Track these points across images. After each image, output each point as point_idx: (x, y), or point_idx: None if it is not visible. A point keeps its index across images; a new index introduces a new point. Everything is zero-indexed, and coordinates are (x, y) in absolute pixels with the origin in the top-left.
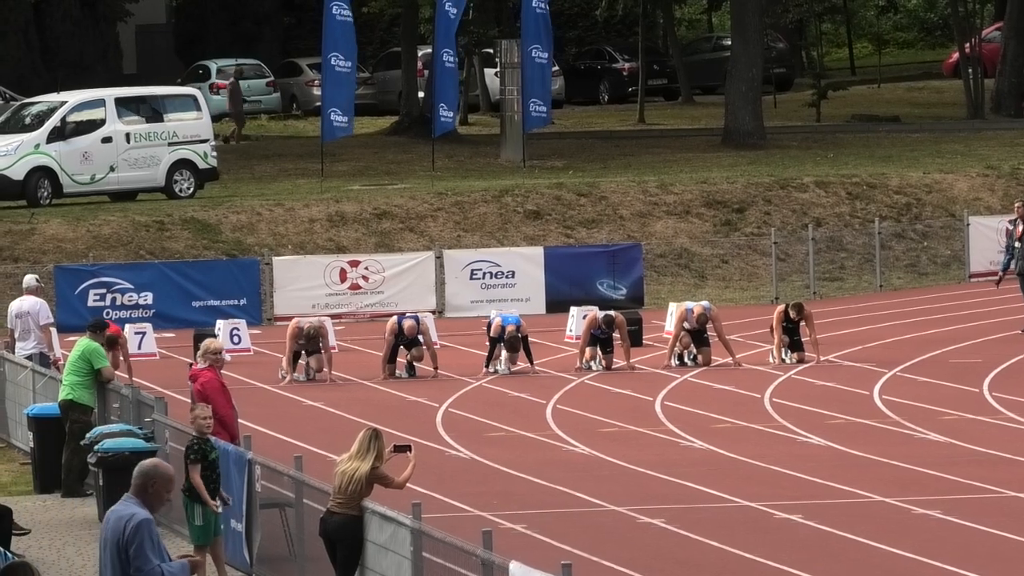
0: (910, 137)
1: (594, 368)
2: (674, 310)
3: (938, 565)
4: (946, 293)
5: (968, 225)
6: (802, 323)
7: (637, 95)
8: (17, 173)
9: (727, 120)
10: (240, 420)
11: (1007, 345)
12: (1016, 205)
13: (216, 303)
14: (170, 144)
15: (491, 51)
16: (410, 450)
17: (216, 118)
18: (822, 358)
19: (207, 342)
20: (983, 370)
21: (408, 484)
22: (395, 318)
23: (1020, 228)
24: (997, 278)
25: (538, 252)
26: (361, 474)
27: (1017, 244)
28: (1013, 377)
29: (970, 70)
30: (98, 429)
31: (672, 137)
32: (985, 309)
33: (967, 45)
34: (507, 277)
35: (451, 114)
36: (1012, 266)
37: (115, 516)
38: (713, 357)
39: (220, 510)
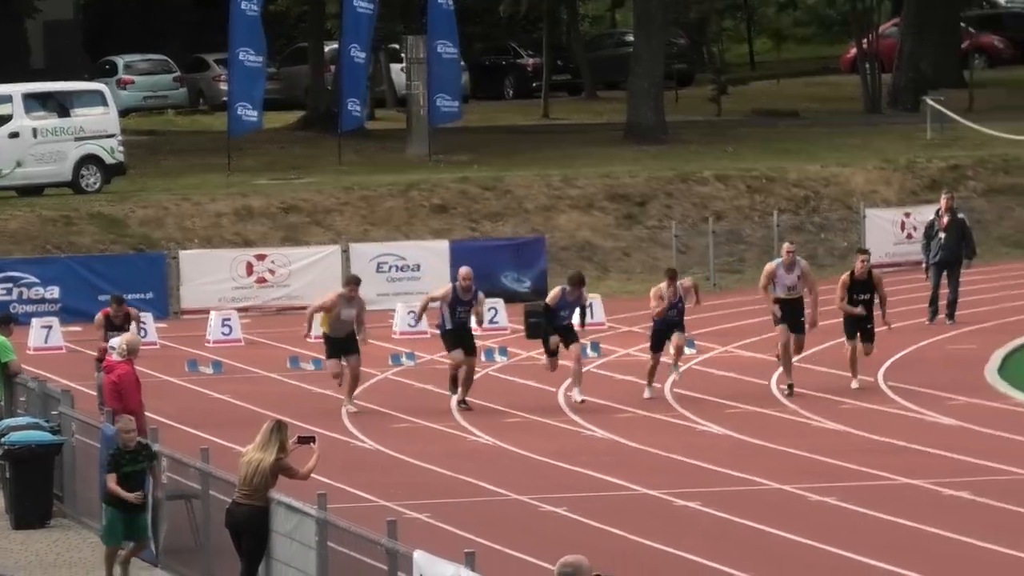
0: (808, 131)
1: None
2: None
3: (834, 551)
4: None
5: (865, 217)
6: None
7: (541, 90)
8: None
9: (630, 115)
10: (147, 413)
11: (902, 335)
12: (943, 198)
13: (124, 297)
14: (77, 139)
15: (397, 47)
16: (314, 441)
17: (123, 113)
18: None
19: (129, 338)
20: (879, 359)
21: (313, 475)
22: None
23: (945, 220)
24: (924, 266)
25: (444, 246)
26: (265, 465)
27: (942, 234)
28: (907, 367)
29: (867, 65)
30: (5, 422)
31: (576, 132)
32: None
33: (864, 41)
34: (413, 270)
35: (360, 109)
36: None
37: None
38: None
39: (138, 499)
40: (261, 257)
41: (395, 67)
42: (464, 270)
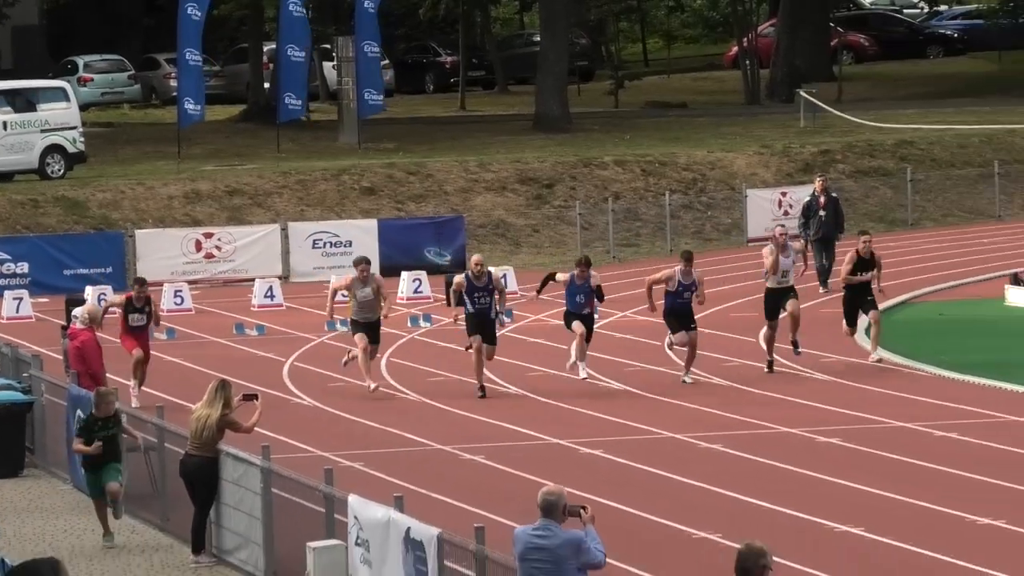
0: (695, 121)
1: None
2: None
3: (722, 492)
4: (728, 256)
5: (746, 197)
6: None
7: (459, 85)
8: None
9: (537, 107)
10: (108, 375)
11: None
12: (817, 180)
13: (85, 271)
14: (42, 131)
15: (328, 47)
16: (257, 399)
17: (83, 107)
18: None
19: (90, 307)
20: (759, 322)
21: (256, 428)
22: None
23: (822, 200)
24: (805, 243)
25: (372, 224)
26: (212, 420)
27: (822, 213)
28: (783, 329)
29: (747, 62)
30: None
31: (489, 122)
32: (762, 270)
33: (744, 40)
34: (345, 246)
35: (299, 102)
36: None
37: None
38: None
39: (97, 449)
40: (208, 235)
41: (327, 65)
42: (475, 257)
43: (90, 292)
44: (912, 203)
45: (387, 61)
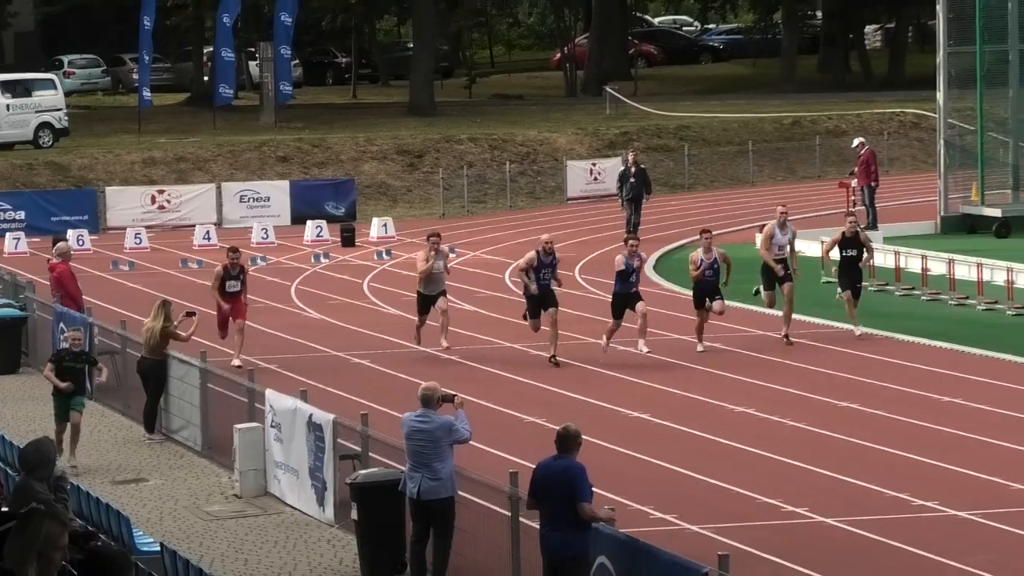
0: (529, 109)
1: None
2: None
3: (505, 410)
4: (553, 211)
5: (566, 166)
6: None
7: (351, 80)
8: None
9: (411, 97)
10: (84, 296)
11: (590, 245)
12: (630, 153)
13: (67, 218)
14: (36, 112)
15: (253, 49)
16: (195, 315)
17: (68, 94)
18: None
19: (61, 244)
20: (575, 261)
21: (194, 338)
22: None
23: (633, 169)
24: (620, 202)
25: (285, 184)
26: (156, 331)
27: (632, 179)
28: (596, 266)
29: (567, 64)
30: None
31: (375, 108)
32: (577, 221)
33: (565, 48)
34: (265, 201)
35: (230, 91)
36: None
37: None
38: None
39: (68, 388)
40: (161, 192)
41: (251, 63)
42: (545, 236)
43: (71, 234)
44: (688, 172)
45: (297, 61)
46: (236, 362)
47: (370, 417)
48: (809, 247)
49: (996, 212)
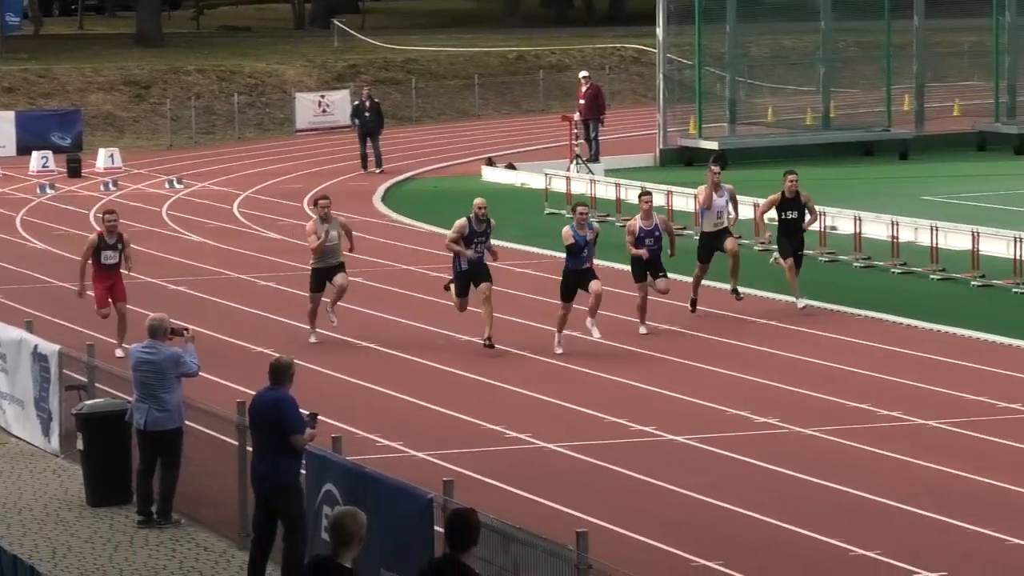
0: (258, 41)
1: None
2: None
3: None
4: (282, 143)
5: (295, 98)
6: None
7: (78, 10)
8: None
9: (138, 28)
10: None
11: (319, 176)
12: (365, 88)
13: None
14: None
15: None
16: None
17: None
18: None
19: None
20: (304, 192)
21: None
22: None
23: (368, 104)
24: (357, 135)
25: (11, 115)
26: None
27: (367, 114)
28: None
29: None
30: None
31: (102, 39)
32: (306, 153)
33: None
34: None
35: None
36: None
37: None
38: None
39: None
40: None
41: None
42: (478, 200)
43: None
44: (416, 105)
45: None
46: (119, 352)
47: (96, 348)
48: (533, 179)
49: (713, 144)
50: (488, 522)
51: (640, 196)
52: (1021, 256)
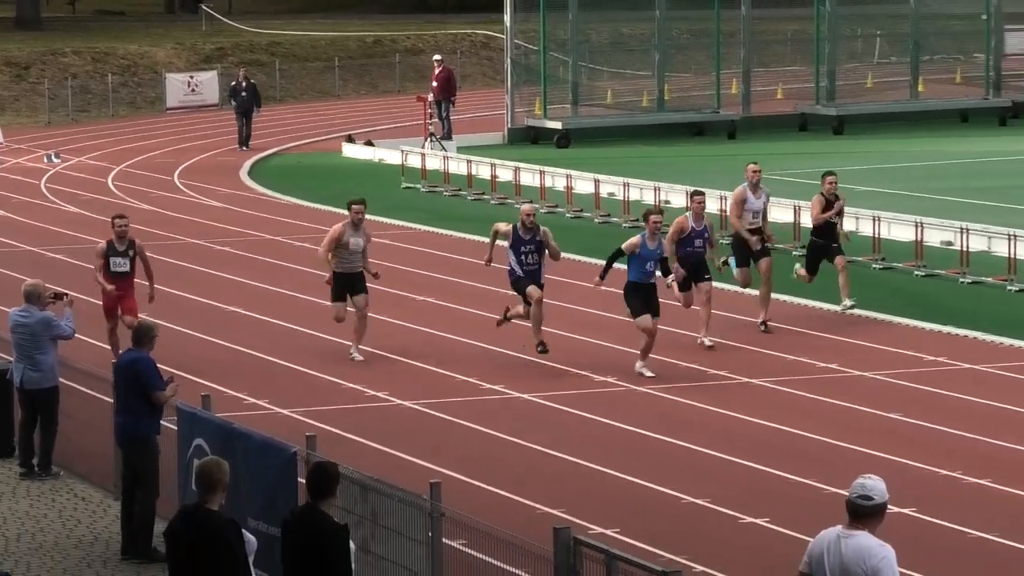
0: (132, 24)
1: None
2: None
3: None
4: (153, 120)
5: (165, 79)
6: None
7: None
8: None
9: (17, 11)
10: None
11: (188, 152)
12: (241, 70)
13: None
14: None
15: None
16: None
17: None
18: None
19: None
20: (174, 167)
21: None
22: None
23: (244, 84)
24: (235, 114)
25: None
26: None
27: (244, 93)
28: (194, 172)
29: None
30: None
31: None
32: (176, 130)
33: None
34: None
35: None
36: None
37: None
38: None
39: None
40: None
41: None
42: (526, 207)
43: None
44: (280, 85)
45: None
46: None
47: None
48: (390, 155)
49: (557, 124)
50: (347, 474)
51: (692, 196)
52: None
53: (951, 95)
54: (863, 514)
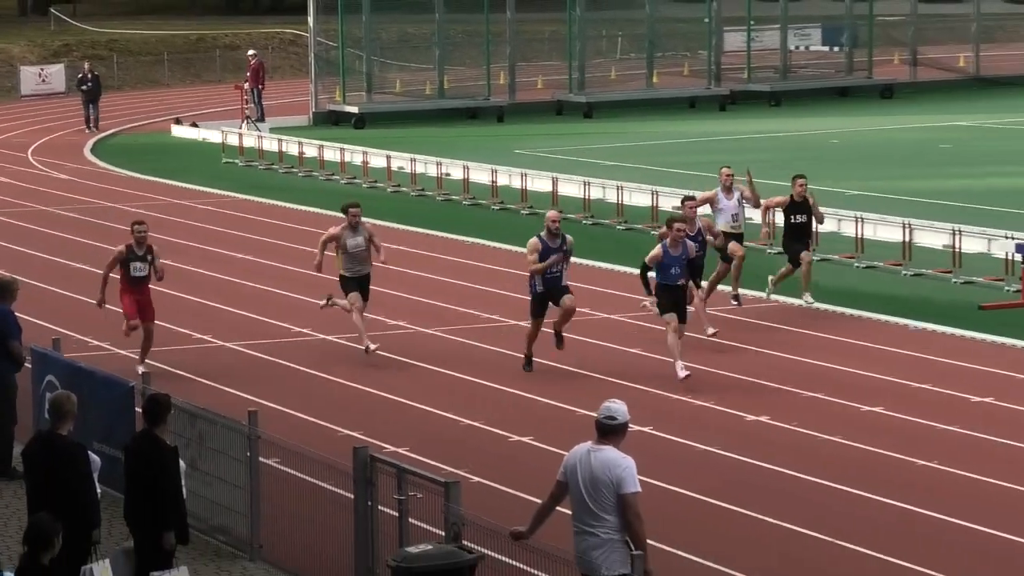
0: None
1: None
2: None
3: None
4: (8, 106)
5: (20, 71)
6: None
7: None
8: None
9: None
10: None
11: (40, 132)
12: (86, 63)
13: None
14: None
15: None
16: None
17: None
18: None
19: None
20: (27, 145)
21: None
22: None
23: (89, 75)
24: (74, 94)
25: None
26: None
27: (89, 84)
28: (46, 149)
29: None
30: None
31: None
32: (30, 114)
33: None
34: None
35: None
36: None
37: None
38: None
39: None
40: None
41: None
42: (551, 213)
43: None
44: (117, 76)
45: None
46: (141, 368)
47: None
48: (212, 135)
49: (354, 109)
50: (177, 404)
51: (683, 201)
52: (620, 200)
53: (680, 85)
54: (609, 432)
